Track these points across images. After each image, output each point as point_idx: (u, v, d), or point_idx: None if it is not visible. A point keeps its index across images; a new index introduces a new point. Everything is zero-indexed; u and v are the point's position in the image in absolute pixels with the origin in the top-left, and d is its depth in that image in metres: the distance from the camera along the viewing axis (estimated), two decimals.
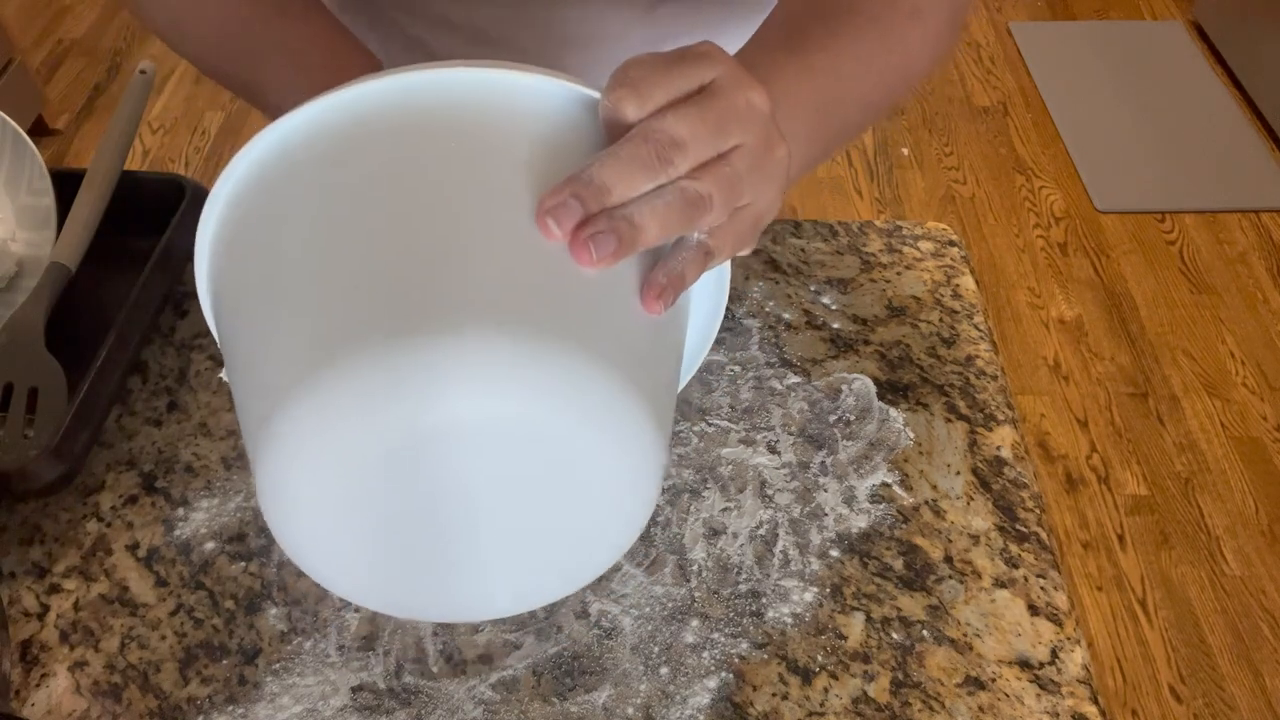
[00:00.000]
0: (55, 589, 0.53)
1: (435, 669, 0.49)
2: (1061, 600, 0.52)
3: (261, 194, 0.39)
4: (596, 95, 0.38)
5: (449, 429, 0.34)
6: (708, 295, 0.46)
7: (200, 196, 0.66)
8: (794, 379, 0.61)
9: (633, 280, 0.37)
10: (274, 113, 0.54)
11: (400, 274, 0.35)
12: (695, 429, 0.58)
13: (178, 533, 0.55)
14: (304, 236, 0.37)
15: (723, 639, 0.50)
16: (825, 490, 0.56)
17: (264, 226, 0.39)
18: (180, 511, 0.55)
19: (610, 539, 0.41)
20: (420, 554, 0.39)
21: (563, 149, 0.38)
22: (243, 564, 0.53)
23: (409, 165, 0.37)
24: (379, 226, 0.36)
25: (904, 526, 0.55)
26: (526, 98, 0.38)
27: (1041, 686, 0.49)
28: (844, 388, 0.61)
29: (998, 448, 0.58)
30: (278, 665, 0.50)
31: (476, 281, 0.34)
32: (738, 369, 0.61)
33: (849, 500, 0.56)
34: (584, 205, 0.35)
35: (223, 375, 0.52)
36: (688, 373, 0.52)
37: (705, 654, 0.50)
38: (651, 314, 0.37)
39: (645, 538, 0.54)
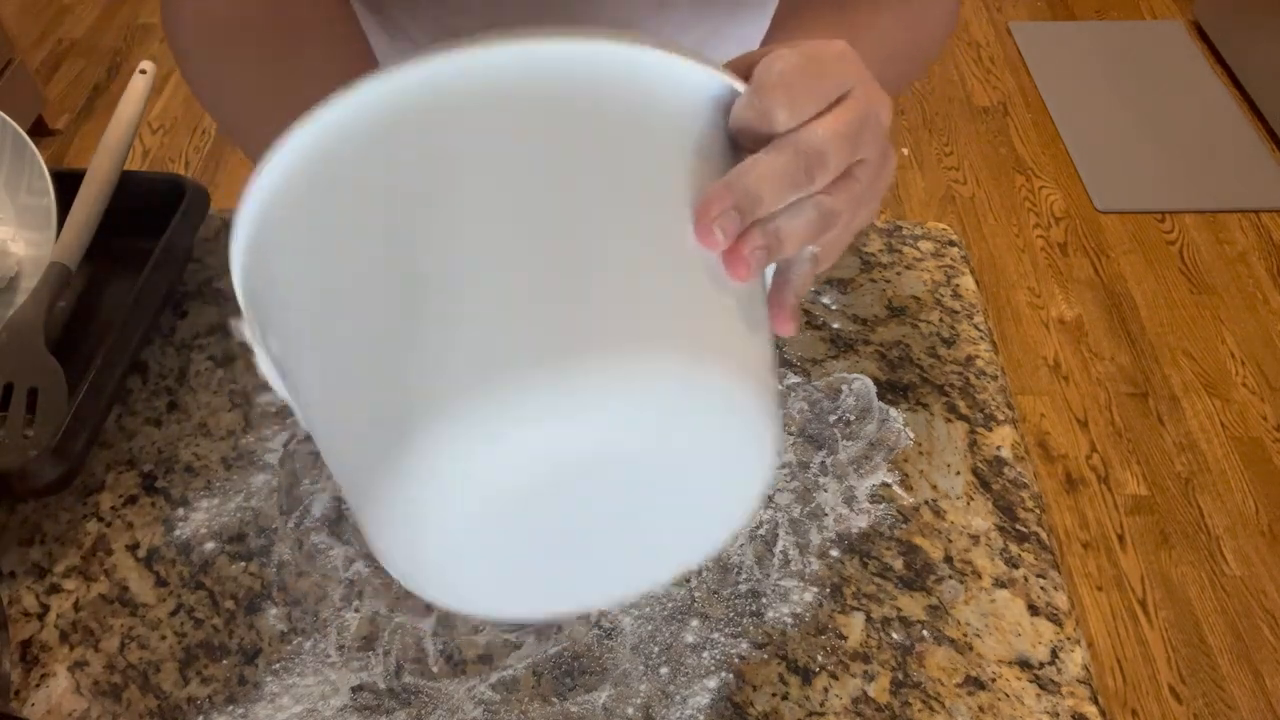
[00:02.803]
0: (55, 589, 0.53)
1: (435, 669, 0.49)
2: (1061, 600, 0.52)
3: (337, 187, 0.35)
4: (740, 88, 0.36)
5: (602, 453, 0.33)
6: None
7: (200, 196, 0.66)
8: (794, 379, 0.61)
9: (754, 287, 0.37)
10: None
11: (543, 289, 0.31)
12: None
13: (178, 533, 0.55)
14: (412, 240, 0.33)
15: (723, 639, 0.50)
16: (825, 490, 0.56)
17: (348, 225, 0.34)
18: (180, 511, 0.55)
19: (723, 526, 0.41)
20: (549, 561, 0.39)
21: (695, 145, 0.36)
22: (243, 564, 0.53)
23: (530, 154, 0.33)
24: (512, 226, 0.32)
25: (904, 526, 0.55)
26: (658, 81, 0.35)
27: (1041, 686, 0.49)
28: (844, 388, 0.61)
29: (998, 448, 0.58)
30: (278, 665, 0.50)
31: (630, 296, 0.32)
32: None
33: (849, 500, 0.56)
34: (742, 216, 0.34)
35: (242, 332, 0.43)
36: None
37: (705, 654, 0.50)
38: (786, 334, 0.38)
39: None
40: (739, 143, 0.37)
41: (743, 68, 0.39)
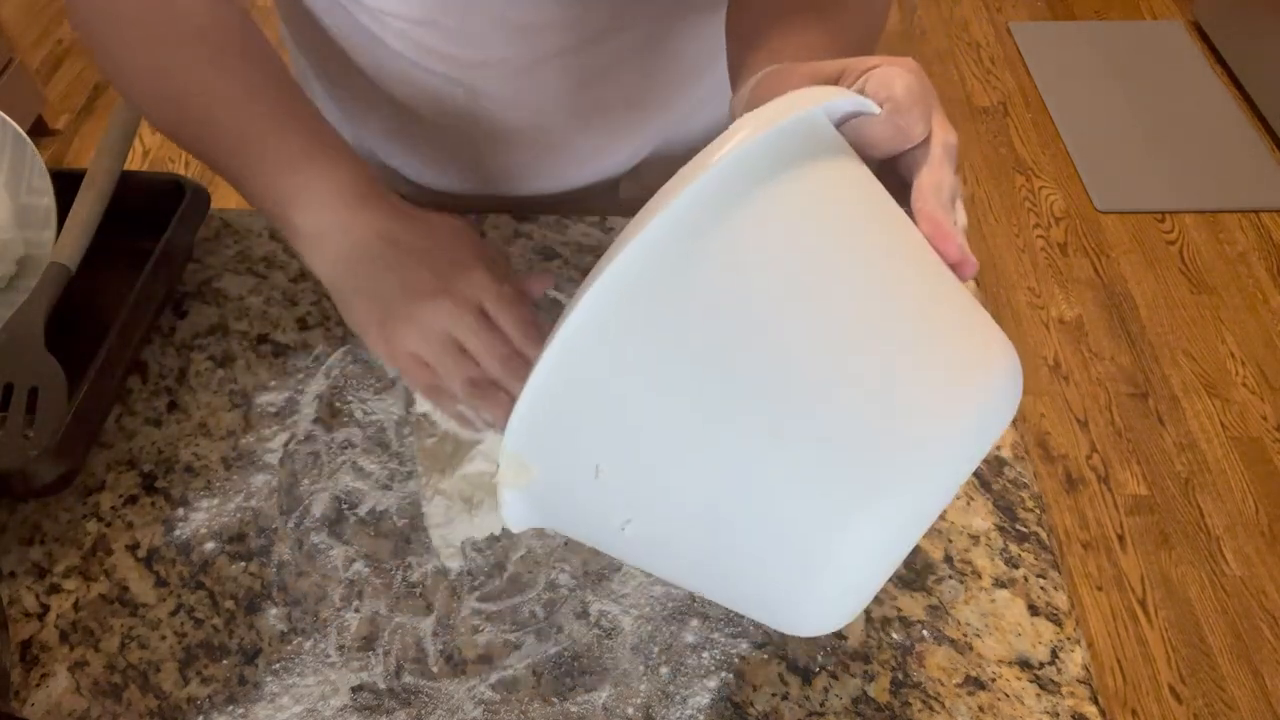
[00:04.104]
0: (55, 589, 0.53)
1: (435, 669, 0.49)
2: (1061, 600, 0.52)
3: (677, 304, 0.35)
4: (872, 109, 0.40)
5: None
6: None
7: (200, 196, 0.66)
8: None
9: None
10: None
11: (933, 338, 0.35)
12: None
13: (178, 533, 0.55)
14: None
15: (723, 639, 0.50)
16: None
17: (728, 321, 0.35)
18: (180, 511, 0.55)
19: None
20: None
21: (863, 166, 0.40)
22: (243, 564, 0.53)
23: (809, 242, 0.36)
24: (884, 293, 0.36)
25: None
26: (825, 122, 0.39)
27: (1041, 686, 0.49)
28: None
29: (998, 448, 0.58)
30: (278, 665, 0.50)
31: (970, 318, 0.37)
32: None
33: None
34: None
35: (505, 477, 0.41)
36: None
37: (705, 654, 0.50)
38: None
39: None
40: (862, 152, 0.41)
41: (825, 79, 0.43)
